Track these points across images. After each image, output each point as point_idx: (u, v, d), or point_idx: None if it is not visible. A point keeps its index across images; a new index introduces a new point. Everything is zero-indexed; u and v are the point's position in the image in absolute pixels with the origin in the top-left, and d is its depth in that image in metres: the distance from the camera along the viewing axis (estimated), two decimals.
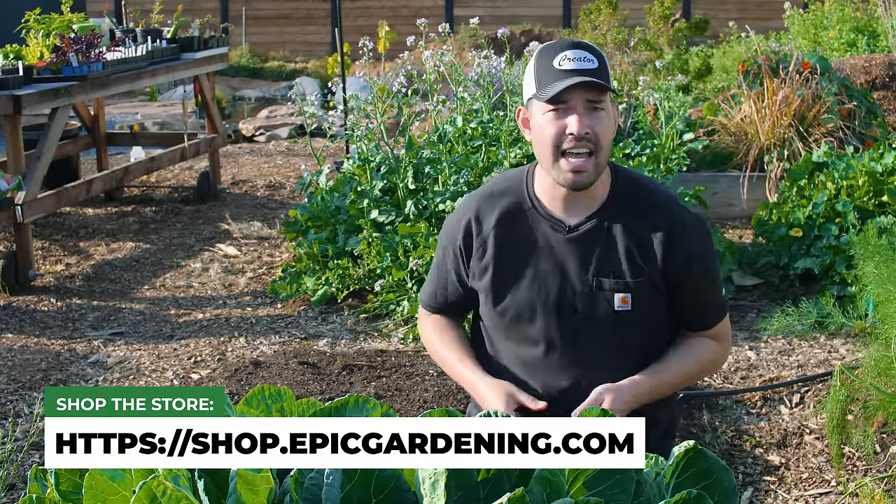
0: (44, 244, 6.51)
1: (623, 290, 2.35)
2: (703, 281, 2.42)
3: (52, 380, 4.40)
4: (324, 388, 3.98)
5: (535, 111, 2.33)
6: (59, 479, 1.50)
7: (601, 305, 2.36)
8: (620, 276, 2.35)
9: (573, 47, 2.28)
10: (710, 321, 2.47)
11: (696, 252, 2.38)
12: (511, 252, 2.42)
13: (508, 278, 2.41)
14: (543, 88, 2.27)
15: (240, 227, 6.73)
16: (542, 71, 2.29)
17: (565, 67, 2.25)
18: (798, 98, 6.42)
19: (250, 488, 1.37)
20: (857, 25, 9.57)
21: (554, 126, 2.28)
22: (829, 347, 4.51)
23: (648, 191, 2.43)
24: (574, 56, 2.26)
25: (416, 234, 5.02)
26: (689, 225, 2.39)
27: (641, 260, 2.35)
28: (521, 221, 2.41)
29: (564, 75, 2.25)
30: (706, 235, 2.44)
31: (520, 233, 2.41)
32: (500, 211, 2.43)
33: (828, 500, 3.31)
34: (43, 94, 5.74)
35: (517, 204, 2.43)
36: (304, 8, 16.54)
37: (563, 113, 2.27)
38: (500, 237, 2.42)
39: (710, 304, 2.46)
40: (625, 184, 2.41)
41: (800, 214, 5.09)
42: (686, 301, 2.42)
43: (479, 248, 2.44)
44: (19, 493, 3.35)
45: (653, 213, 2.38)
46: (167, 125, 10.81)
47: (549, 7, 16.07)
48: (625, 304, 2.35)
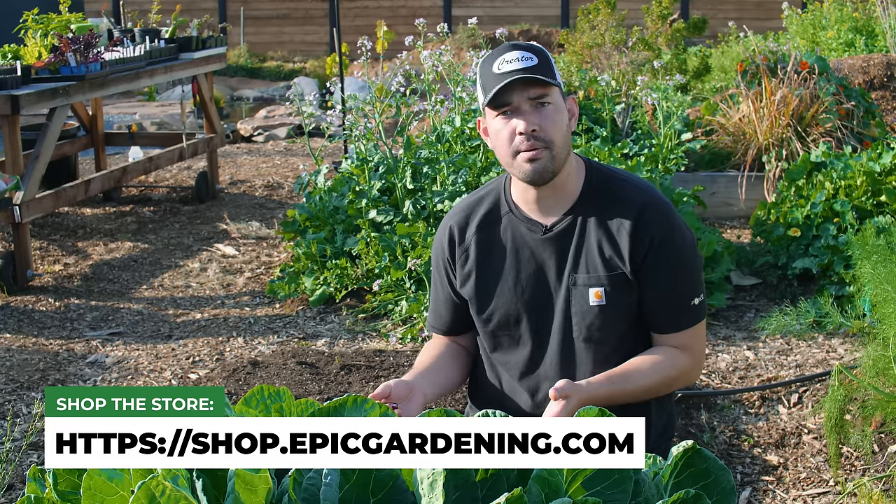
0: (42, 244, 6.50)
1: (597, 285, 2.36)
2: (670, 274, 2.36)
3: (51, 380, 4.40)
4: (322, 388, 3.98)
5: (489, 118, 2.37)
6: (57, 480, 1.50)
7: (577, 302, 2.38)
8: (594, 271, 2.36)
9: (511, 49, 2.31)
10: (676, 323, 2.39)
11: (658, 243, 2.34)
12: (492, 257, 2.46)
13: (491, 283, 2.45)
14: (488, 95, 2.30)
15: (238, 227, 6.73)
16: (485, 77, 2.33)
17: (504, 70, 2.28)
18: (796, 98, 6.43)
19: (249, 488, 1.37)
20: (855, 25, 9.57)
21: (505, 129, 2.32)
22: (827, 347, 4.51)
23: (619, 183, 2.43)
24: (511, 57, 2.29)
25: (414, 234, 5.02)
26: (656, 215, 2.36)
27: (612, 252, 2.36)
28: (500, 226, 2.46)
29: (503, 77, 2.28)
30: (676, 231, 2.39)
31: (499, 238, 2.45)
32: (479, 218, 2.48)
33: (826, 499, 3.31)
34: (41, 94, 5.73)
35: (495, 210, 2.48)
36: (303, 8, 16.54)
37: (510, 115, 2.30)
38: (481, 243, 2.47)
39: (677, 304, 2.39)
40: (598, 179, 2.43)
41: (798, 214, 5.09)
42: (651, 295, 2.37)
43: (462, 256, 2.49)
44: (17, 493, 3.35)
45: (621, 204, 2.38)
46: (165, 125, 10.81)
47: (548, 7, 16.08)
48: (599, 298, 2.36)
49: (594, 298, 2.36)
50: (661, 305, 2.39)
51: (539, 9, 15.99)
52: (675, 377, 2.41)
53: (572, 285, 2.38)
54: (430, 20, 6.69)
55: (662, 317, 2.40)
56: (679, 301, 2.39)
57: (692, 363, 2.42)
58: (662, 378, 2.38)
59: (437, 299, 2.60)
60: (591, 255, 2.37)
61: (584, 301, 2.37)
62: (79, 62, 6.02)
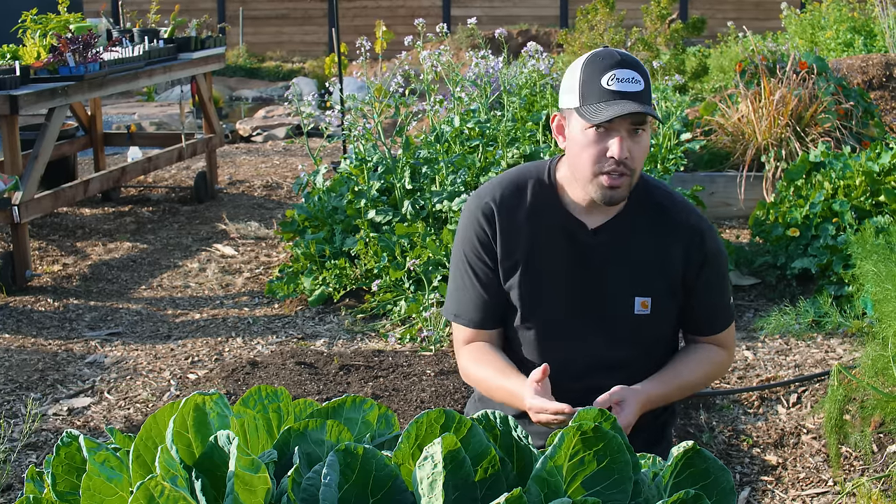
0: (41, 244, 6.50)
1: (643, 294, 2.35)
2: (717, 284, 2.43)
3: (49, 380, 4.39)
4: (321, 388, 3.98)
5: (575, 124, 2.27)
6: (55, 480, 1.49)
7: (620, 308, 2.36)
8: (642, 279, 2.35)
9: (622, 66, 2.21)
10: (719, 326, 2.47)
11: (711, 254, 2.40)
12: (540, 251, 2.38)
13: (538, 278, 2.38)
14: (588, 107, 2.22)
15: (237, 227, 6.73)
16: (588, 85, 2.23)
17: (613, 88, 2.19)
18: (795, 98, 6.43)
19: (248, 488, 1.36)
20: (853, 25, 9.58)
21: (595, 147, 2.23)
22: (826, 347, 4.51)
23: (664, 194, 2.43)
24: (622, 76, 2.20)
25: (413, 234, 5.02)
26: (706, 227, 2.41)
27: (662, 263, 2.36)
28: (550, 220, 2.38)
29: (611, 96, 2.19)
30: (719, 239, 2.46)
31: (548, 232, 2.37)
32: (530, 206, 2.38)
33: (825, 499, 3.31)
34: (40, 94, 5.73)
35: (545, 202, 2.39)
36: (302, 8, 16.54)
37: (605, 134, 2.22)
38: (532, 233, 2.37)
39: (720, 308, 2.46)
40: (643, 187, 2.39)
41: (797, 214, 5.09)
42: (698, 304, 2.42)
43: (510, 241, 2.38)
44: (16, 493, 3.35)
45: (672, 216, 2.38)
46: (164, 125, 10.80)
47: (546, 7, 16.08)
48: (644, 308, 2.36)
49: (640, 307, 2.36)
50: (706, 311, 2.45)
51: (538, 9, 15.99)
52: (714, 373, 2.51)
53: (617, 292, 2.36)
54: (429, 20, 6.69)
55: (705, 321, 2.47)
56: (721, 306, 2.47)
57: (728, 358, 2.52)
58: (706, 374, 2.47)
59: (468, 287, 2.43)
60: (639, 262, 2.36)
61: (629, 307, 2.36)
62: (77, 62, 6.01)
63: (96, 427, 3.91)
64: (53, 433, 3.86)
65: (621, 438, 1.40)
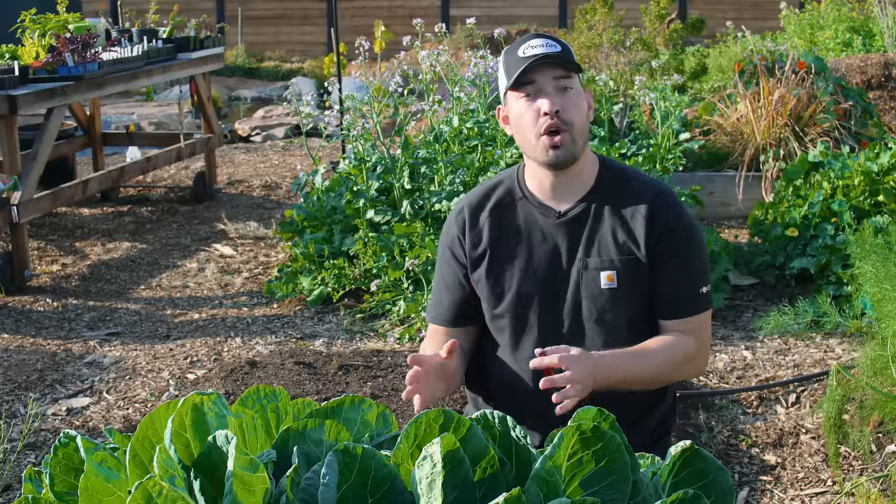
0: (40, 244, 6.50)
1: (609, 268, 2.41)
2: (680, 261, 2.44)
3: (48, 380, 4.39)
4: (320, 388, 3.98)
5: (511, 102, 2.43)
6: (53, 480, 1.49)
7: (588, 285, 2.42)
8: (607, 255, 2.42)
9: (535, 37, 2.40)
10: (685, 310, 2.45)
11: (672, 227, 2.43)
12: (504, 240, 2.49)
13: (503, 265, 2.48)
14: (511, 76, 2.38)
15: (236, 227, 6.72)
16: (509, 62, 2.41)
17: (529, 53, 2.37)
18: (794, 98, 6.43)
19: (246, 488, 1.36)
20: (852, 25, 9.58)
21: (528, 112, 2.38)
22: (825, 347, 4.51)
23: (631, 175, 2.52)
24: (536, 43, 2.38)
25: (412, 234, 5.02)
26: (671, 201, 2.46)
27: (626, 237, 2.42)
28: (513, 211, 2.51)
29: (529, 60, 2.36)
30: (688, 220, 2.48)
31: (512, 222, 2.50)
32: (493, 203, 2.53)
33: (824, 499, 3.31)
34: (39, 94, 5.73)
35: (509, 196, 2.52)
36: (300, 8, 16.54)
37: (534, 97, 2.37)
38: (493, 226, 2.51)
39: (687, 290, 2.46)
40: (611, 171, 2.51)
41: (796, 214, 5.09)
42: (662, 281, 2.43)
43: (474, 238, 2.52)
44: (15, 493, 3.34)
45: (634, 193, 2.46)
46: (163, 125, 10.80)
47: (545, 7, 16.09)
48: (610, 281, 2.41)
49: (605, 281, 2.41)
50: (672, 290, 2.45)
51: (537, 9, 16.00)
52: (681, 361, 2.44)
53: (584, 269, 2.42)
54: (427, 20, 6.68)
55: (672, 301, 2.46)
56: (689, 287, 2.46)
57: (698, 349, 2.47)
58: (671, 360, 2.41)
59: (441, 288, 2.60)
60: (604, 239, 2.43)
61: (595, 284, 2.41)
62: (76, 62, 6.01)
63: (95, 427, 3.91)
64: (52, 433, 3.86)
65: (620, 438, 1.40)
